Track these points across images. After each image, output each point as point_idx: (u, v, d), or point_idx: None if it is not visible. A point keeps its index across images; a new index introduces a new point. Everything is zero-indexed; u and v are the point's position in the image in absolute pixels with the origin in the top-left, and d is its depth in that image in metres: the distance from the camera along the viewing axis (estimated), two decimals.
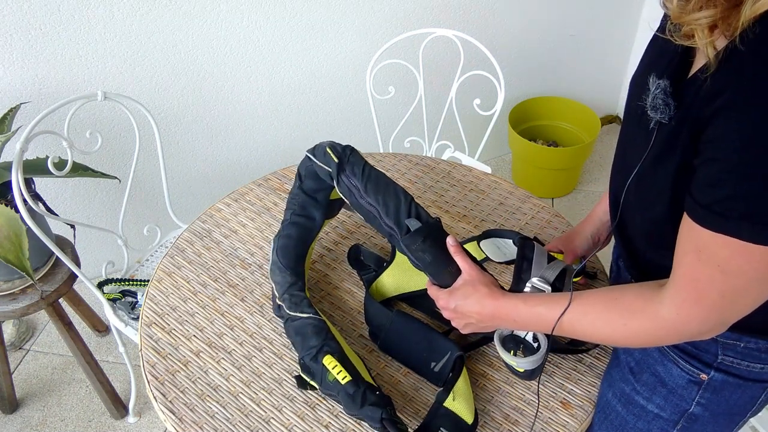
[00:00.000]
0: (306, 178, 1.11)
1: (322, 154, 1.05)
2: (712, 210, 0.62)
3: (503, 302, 0.87)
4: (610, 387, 0.95)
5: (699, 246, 0.66)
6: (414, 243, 0.96)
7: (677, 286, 0.70)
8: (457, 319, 0.92)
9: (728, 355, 0.80)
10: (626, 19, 2.60)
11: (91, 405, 1.85)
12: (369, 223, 1.03)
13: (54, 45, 1.69)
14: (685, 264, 0.68)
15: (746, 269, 0.63)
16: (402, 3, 2.08)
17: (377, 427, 0.89)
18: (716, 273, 0.65)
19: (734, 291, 0.66)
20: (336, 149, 1.04)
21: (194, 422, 0.96)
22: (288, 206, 1.15)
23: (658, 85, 0.70)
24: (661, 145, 0.72)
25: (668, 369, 0.86)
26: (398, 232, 0.98)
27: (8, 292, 1.50)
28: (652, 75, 0.72)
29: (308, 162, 1.09)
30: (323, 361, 0.93)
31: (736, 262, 0.63)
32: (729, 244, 0.62)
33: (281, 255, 1.09)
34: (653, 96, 0.71)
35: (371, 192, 1.00)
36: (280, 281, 1.06)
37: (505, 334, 0.94)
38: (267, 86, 2.05)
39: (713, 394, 0.83)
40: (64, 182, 1.93)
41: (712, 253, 0.64)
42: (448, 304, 0.92)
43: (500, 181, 1.43)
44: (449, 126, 1.87)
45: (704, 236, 0.64)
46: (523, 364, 0.92)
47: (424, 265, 0.96)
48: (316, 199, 1.13)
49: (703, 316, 0.70)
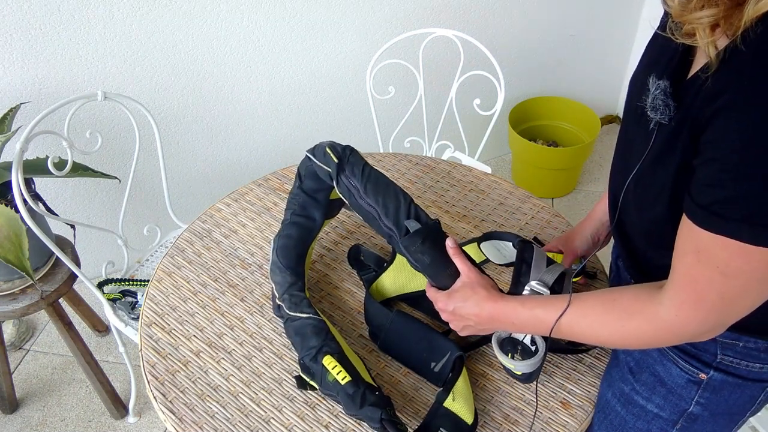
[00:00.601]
0: (306, 178, 1.11)
1: (322, 155, 1.05)
2: (712, 211, 0.62)
3: (502, 305, 0.87)
4: (609, 387, 0.95)
5: (698, 247, 0.65)
6: (413, 244, 0.95)
7: (676, 287, 0.70)
8: (456, 321, 0.92)
9: (727, 355, 0.80)
10: (626, 19, 2.60)
11: (91, 405, 1.85)
12: (368, 223, 1.03)
13: (54, 45, 1.69)
14: (684, 265, 0.68)
15: (746, 270, 0.63)
16: (402, 3, 2.08)
17: (377, 427, 0.89)
18: (715, 274, 0.65)
19: (733, 292, 0.66)
20: (336, 149, 1.04)
21: (194, 422, 0.96)
22: (288, 206, 1.15)
23: (658, 85, 0.70)
24: (660, 146, 0.72)
25: (667, 369, 0.86)
26: (397, 234, 0.97)
27: (8, 292, 1.50)
28: (652, 75, 0.72)
29: (308, 162, 1.09)
30: (323, 361, 0.93)
31: (735, 264, 0.63)
32: (728, 246, 0.62)
33: (281, 255, 1.09)
34: (653, 96, 0.71)
35: (371, 193, 1.00)
36: (279, 281, 1.06)
37: (503, 336, 0.94)
38: (267, 86, 2.05)
39: (712, 393, 0.83)
40: (64, 182, 1.93)
41: (711, 254, 0.64)
42: (447, 306, 0.92)
43: (500, 181, 1.43)
44: (449, 126, 1.87)
45: (703, 237, 0.64)
46: (521, 368, 0.92)
47: (422, 267, 0.96)
48: (316, 199, 1.12)
49: (701, 317, 0.69)
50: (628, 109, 0.83)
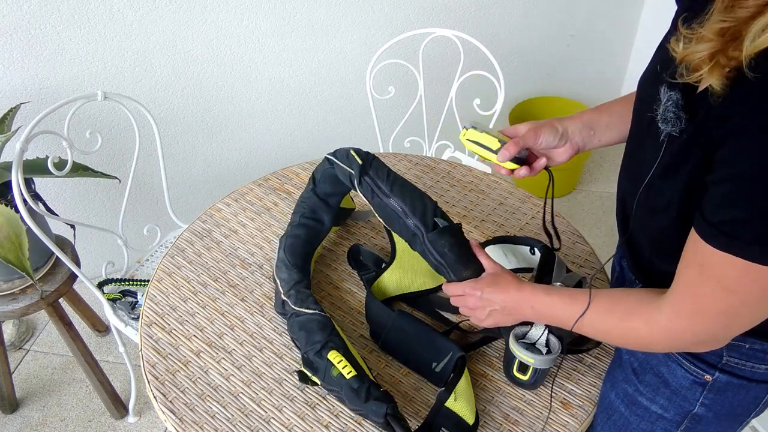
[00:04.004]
0: (321, 182, 1.16)
1: (345, 156, 1.10)
2: (722, 230, 0.63)
3: (528, 291, 0.89)
4: (612, 388, 0.95)
5: (703, 262, 0.66)
6: (441, 239, 0.99)
7: (676, 296, 0.72)
8: (481, 308, 0.93)
9: (733, 357, 0.80)
10: (626, 19, 2.60)
11: (91, 405, 1.85)
12: (388, 223, 1.07)
13: (54, 45, 1.69)
14: (687, 277, 0.70)
15: (750, 289, 0.64)
16: (402, 3, 2.08)
17: (381, 422, 0.89)
18: (718, 290, 0.66)
19: (733, 309, 0.67)
20: (360, 153, 1.10)
21: (194, 422, 0.96)
22: (297, 209, 1.18)
23: (670, 97, 0.70)
24: (671, 158, 0.72)
25: (672, 370, 0.86)
26: (424, 230, 1.01)
27: (8, 292, 1.50)
28: (664, 86, 0.72)
29: (327, 165, 1.13)
30: (328, 355, 0.93)
31: (741, 282, 0.64)
32: (735, 264, 0.63)
33: (289, 253, 1.10)
34: (664, 108, 0.71)
35: (397, 192, 1.05)
36: (286, 278, 1.07)
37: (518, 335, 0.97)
38: (267, 86, 2.05)
39: (717, 394, 0.84)
40: (64, 182, 1.93)
41: (716, 270, 0.65)
42: (474, 291, 0.93)
43: (500, 181, 1.43)
44: (449, 126, 1.87)
45: (709, 253, 0.65)
46: (539, 363, 0.94)
47: (448, 263, 0.98)
48: (327, 203, 1.17)
49: (697, 330, 0.71)
50: (637, 115, 0.83)
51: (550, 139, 0.97)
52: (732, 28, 0.59)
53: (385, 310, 1.06)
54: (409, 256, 1.15)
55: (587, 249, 1.26)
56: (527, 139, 0.96)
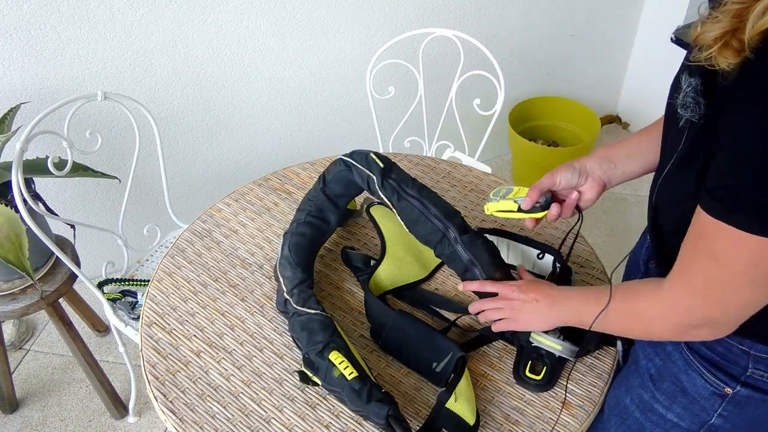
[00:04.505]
0: (332, 183, 1.16)
1: (364, 158, 1.11)
2: (714, 196, 0.64)
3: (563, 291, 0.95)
4: (627, 392, 0.95)
5: (699, 232, 0.68)
6: (477, 239, 1.04)
7: (674, 269, 0.74)
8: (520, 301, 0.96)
9: (759, 369, 0.79)
10: (626, 19, 2.60)
11: (91, 405, 1.85)
12: (410, 224, 1.09)
13: (54, 45, 1.69)
14: (684, 249, 0.71)
15: (736, 259, 0.65)
16: (402, 3, 2.08)
17: (382, 424, 0.89)
18: (704, 259, 0.68)
19: (721, 281, 0.68)
20: (380, 156, 1.11)
21: (195, 422, 0.96)
22: (302, 207, 1.17)
23: (690, 83, 0.71)
24: (690, 143, 0.73)
25: (692, 379, 0.85)
26: (457, 232, 1.05)
27: (8, 292, 1.50)
28: (685, 73, 0.73)
29: (341, 167, 1.14)
30: (329, 356, 0.93)
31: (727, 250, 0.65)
32: (722, 231, 0.64)
33: (294, 251, 1.10)
34: (684, 93, 0.72)
35: (426, 195, 1.08)
36: (290, 276, 1.07)
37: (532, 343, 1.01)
38: (267, 86, 2.05)
39: (736, 407, 0.83)
40: (64, 182, 1.93)
41: (708, 239, 0.67)
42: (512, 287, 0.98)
43: (500, 181, 1.43)
44: (449, 126, 1.87)
45: (704, 221, 0.66)
46: (564, 351, 0.99)
47: (482, 264, 1.03)
48: (336, 203, 1.18)
49: (688, 303, 0.72)
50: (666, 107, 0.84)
51: (568, 176, 0.97)
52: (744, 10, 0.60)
53: (385, 310, 1.06)
54: (397, 249, 1.17)
55: (587, 249, 1.26)
56: (544, 182, 0.99)
